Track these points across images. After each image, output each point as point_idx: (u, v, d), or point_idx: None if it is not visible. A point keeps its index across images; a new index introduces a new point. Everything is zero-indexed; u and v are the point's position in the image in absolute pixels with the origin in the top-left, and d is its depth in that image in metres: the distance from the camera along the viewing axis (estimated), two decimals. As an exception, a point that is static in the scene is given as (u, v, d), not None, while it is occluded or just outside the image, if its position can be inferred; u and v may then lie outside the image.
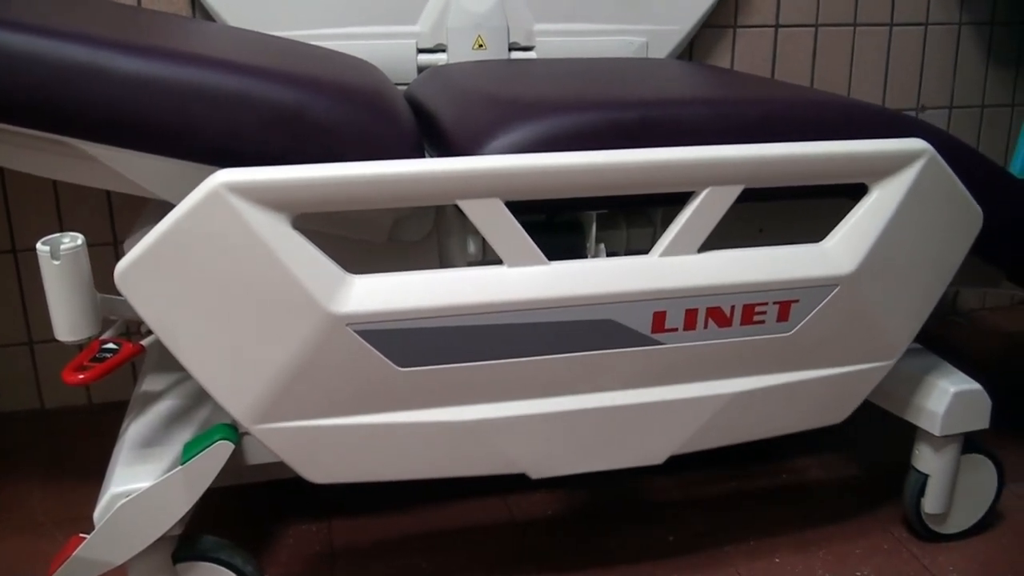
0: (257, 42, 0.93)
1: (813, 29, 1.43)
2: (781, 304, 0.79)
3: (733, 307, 0.78)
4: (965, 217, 0.84)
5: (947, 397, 0.91)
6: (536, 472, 0.80)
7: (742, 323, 0.79)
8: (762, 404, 0.83)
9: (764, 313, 0.79)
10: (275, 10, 1.15)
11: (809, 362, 0.83)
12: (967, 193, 0.83)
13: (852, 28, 1.45)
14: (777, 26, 1.41)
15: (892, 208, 0.79)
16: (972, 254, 0.90)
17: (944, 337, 1.54)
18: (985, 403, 0.93)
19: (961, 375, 0.94)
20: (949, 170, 0.81)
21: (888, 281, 0.82)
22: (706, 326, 0.78)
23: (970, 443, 0.97)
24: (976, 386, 0.93)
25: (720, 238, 0.82)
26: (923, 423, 0.94)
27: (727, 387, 0.81)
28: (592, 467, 0.81)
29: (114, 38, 0.72)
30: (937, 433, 0.92)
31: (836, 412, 0.87)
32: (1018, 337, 1.55)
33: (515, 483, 1.09)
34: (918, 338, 0.98)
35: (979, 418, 0.93)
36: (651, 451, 0.82)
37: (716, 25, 1.38)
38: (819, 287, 0.79)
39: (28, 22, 0.70)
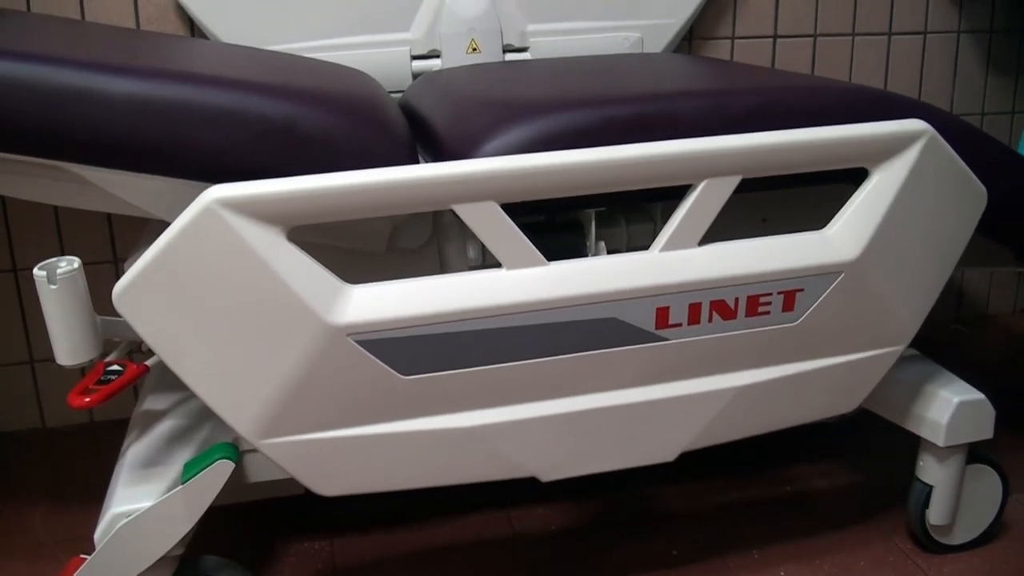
0: (248, 57, 0.92)
1: (811, 39, 1.42)
2: (786, 294, 0.78)
3: (737, 299, 0.77)
4: (969, 196, 0.83)
5: (950, 407, 0.90)
6: (546, 475, 0.79)
7: (747, 315, 0.78)
8: (771, 396, 0.82)
9: (769, 304, 0.78)
10: (268, 25, 1.15)
11: (817, 351, 0.82)
12: (969, 172, 0.82)
13: (851, 38, 1.43)
14: (775, 37, 1.40)
15: (894, 191, 0.78)
16: (978, 234, 0.89)
17: (946, 346, 1.52)
18: (989, 413, 0.91)
19: (964, 384, 0.93)
20: (950, 150, 0.80)
21: (893, 265, 0.81)
22: (710, 320, 0.77)
23: (974, 453, 0.95)
24: (979, 396, 0.91)
25: (723, 230, 0.81)
26: (927, 434, 0.92)
27: (735, 380, 0.80)
28: (602, 467, 0.81)
29: (102, 60, 0.72)
30: (941, 444, 0.90)
31: (847, 401, 0.86)
32: (1021, 343, 1.52)
33: (517, 497, 1.08)
34: (921, 348, 0.97)
35: (983, 428, 0.91)
36: (661, 449, 0.81)
37: (714, 37, 1.37)
38: (823, 275, 0.78)
39: (15, 49, 0.70)
